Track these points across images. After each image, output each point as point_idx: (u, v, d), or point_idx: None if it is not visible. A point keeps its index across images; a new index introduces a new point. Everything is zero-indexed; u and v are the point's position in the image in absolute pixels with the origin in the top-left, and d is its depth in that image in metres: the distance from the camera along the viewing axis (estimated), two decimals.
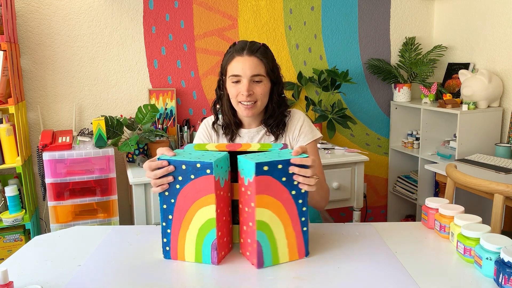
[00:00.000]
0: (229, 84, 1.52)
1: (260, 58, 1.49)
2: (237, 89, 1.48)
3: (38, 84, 2.60)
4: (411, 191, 3.03)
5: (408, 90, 3.03)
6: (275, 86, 1.54)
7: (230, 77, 1.50)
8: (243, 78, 1.47)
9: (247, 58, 1.47)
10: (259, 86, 1.48)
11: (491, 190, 1.51)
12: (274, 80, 1.53)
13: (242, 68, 1.47)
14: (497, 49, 2.66)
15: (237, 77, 1.48)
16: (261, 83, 1.49)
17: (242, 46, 1.51)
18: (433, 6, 3.18)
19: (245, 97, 1.47)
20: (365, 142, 3.20)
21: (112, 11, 2.66)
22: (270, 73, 1.51)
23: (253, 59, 1.48)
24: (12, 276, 1.06)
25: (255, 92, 1.48)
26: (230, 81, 1.50)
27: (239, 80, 1.48)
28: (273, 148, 1.23)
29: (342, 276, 1.08)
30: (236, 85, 1.49)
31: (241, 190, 1.14)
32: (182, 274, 1.11)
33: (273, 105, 1.55)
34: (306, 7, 2.95)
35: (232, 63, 1.49)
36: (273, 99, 1.54)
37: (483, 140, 2.58)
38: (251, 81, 1.47)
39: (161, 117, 2.73)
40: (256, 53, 1.49)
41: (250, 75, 1.47)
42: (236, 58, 1.49)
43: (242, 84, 1.47)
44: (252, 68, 1.47)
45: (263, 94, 1.50)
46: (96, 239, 1.33)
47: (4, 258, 2.24)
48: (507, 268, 0.96)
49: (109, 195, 2.35)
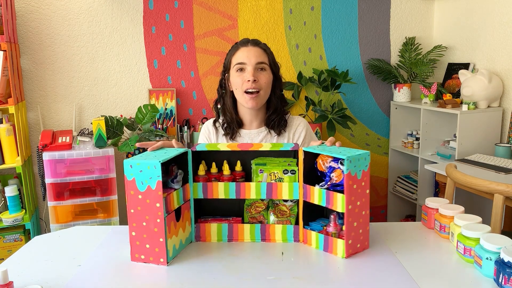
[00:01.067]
0: (233, 75, 1.55)
1: (264, 49, 1.56)
2: (242, 77, 1.52)
3: (38, 84, 2.60)
4: (411, 191, 3.03)
5: (408, 90, 3.03)
6: (277, 82, 1.59)
7: (235, 66, 1.53)
8: (248, 66, 1.52)
9: (251, 48, 1.54)
10: (263, 74, 1.53)
11: (491, 190, 1.50)
12: (275, 74, 1.58)
13: (247, 56, 1.52)
14: (497, 49, 2.66)
15: (242, 65, 1.52)
16: (265, 71, 1.54)
17: (246, 39, 1.59)
18: (433, 6, 3.18)
19: (251, 84, 1.49)
20: (365, 142, 3.20)
21: (112, 11, 2.66)
22: (273, 66, 1.57)
23: (258, 49, 1.55)
24: (12, 276, 1.06)
25: (260, 80, 1.51)
26: (234, 70, 1.54)
27: (243, 68, 1.52)
28: (284, 147, 1.25)
29: (342, 276, 1.08)
30: (241, 74, 1.52)
31: (349, 183, 1.13)
32: (182, 274, 1.11)
33: (276, 99, 1.59)
34: (306, 7, 2.95)
35: (237, 54, 1.55)
36: (276, 94, 1.59)
37: (483, 140, 2.58)
38: (256, 69, 1.52)
39: (161, 117, 2.73)
40: (260, 45, 1.57)
41: (255, 62, 1.51)
42: (241, 49, 1.55)
43: (247, 71, 1.51)
44: (256, 55, 1.53)
45: (267, 83, 1.54)
46: (96, 239, 1.32)
47: (4, 258, 2.24)
48: (507, 268, 0.96)
49: (109, 195, 2.35)
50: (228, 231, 1.27)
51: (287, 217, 1.27)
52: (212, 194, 1.26)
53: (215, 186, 1.26)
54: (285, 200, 1.29)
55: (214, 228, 1.27)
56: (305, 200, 1.24)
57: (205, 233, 1.28)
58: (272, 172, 1.27)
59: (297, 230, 1.26)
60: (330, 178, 1.19)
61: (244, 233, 1.27)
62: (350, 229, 1.15)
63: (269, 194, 1.25)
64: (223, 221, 1.29)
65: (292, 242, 1.26)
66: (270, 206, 1.30)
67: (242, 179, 1.30)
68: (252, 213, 1.30)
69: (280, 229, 1.26)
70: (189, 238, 1.27)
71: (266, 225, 1.27)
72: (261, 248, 1.23)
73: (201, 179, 1.27)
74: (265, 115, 1.60)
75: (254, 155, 1.31)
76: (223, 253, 1.21)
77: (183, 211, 1.23)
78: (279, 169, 1.26)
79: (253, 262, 1.16)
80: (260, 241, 1.27)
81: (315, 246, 1.22)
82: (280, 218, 1.27)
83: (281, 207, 1.29)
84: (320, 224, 1.25)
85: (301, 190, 1.24)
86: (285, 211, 1.28)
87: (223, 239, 1.28)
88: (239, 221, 1.30)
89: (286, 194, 1.25)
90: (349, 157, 1.12)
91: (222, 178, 1.28)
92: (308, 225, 1.26)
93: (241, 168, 1.30)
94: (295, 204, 1.29)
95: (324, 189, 1.19)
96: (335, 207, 1.16)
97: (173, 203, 1.18)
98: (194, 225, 1.28)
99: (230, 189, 1.25)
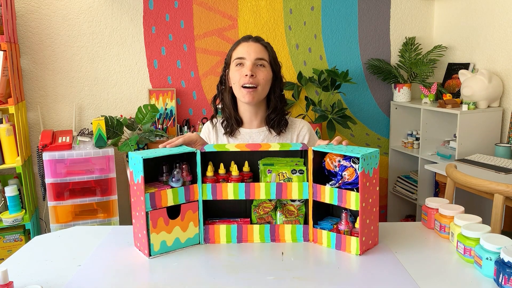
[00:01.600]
0: (232, 70, 1.54)
1: (265, 45, 1.55)
2: (240, 72, 1.51)
3: (38, 84, 2.60)
4: (411, 191, 3.03)
5: (408, 90, 3.03)
6: (277, 81, 1.58)
7: (235, 61, 1.53)
8: (246, 61, 1.51)
9: (252, 43, 1.54)
10: (262, 71, 1.52)
11: (491, 190, 1.50)
12: (276, 73, 1.57)
13: (247, 51, 1.52)
14: (497, 49, 2.66)
15: (241, 60, 1.52)
16: (264, 68, 1.52)
17: (249, 35, 1.58)
18: (433, 6, 3.18)
19: (248, 78, 1.48)
20: (365, 142, 3.20)
21: (112, 11, 2.66)
22: (273, 64, 1.56)
23: (258, 45, 1.54)
24: (12, 276, 1.06)
25: (258, 76, 1.50)
26: (234, 65, 1.53)
27: (242, 63, 1.52)
28: (294, 147, 1.25)
29: (342, 276, 1.08)
30: (239, 69, 1.52)
31: (363, 181, 1.15)
32: (182, 274, 1.11)
33: (276, 98, 1.57)
34: (306, 7, 2.95)
35: (238, 48, 1.54)
36: (275, 93, 1.57)
37: (483, 140, 2.58)
38: (254, 65, 1.51)
39: (161, 117, 2.73)
40: (261, 41, 1.56)
41: (254, 58, 1.51)
42: (242, 44, 1.54)
43: (246, 66, 1.51)
44: (256, 51, 1.52)
45: (265, 80, 1.52)
46: (96, 239, 1.32)
47: (4, 258, 2.24)
48: (507, 268, 0.96)
49: (109, 195, 2.35)
50: (237, 233, 1.26)
51: (296, 217, 1.27)
52: (221, 195, 1.26)
53: (224, 187, 1.25)
54: (292, 200, 1.29)
55: (223, 229, 1.26)
56: (315, 200, 1.24)
57: (214, 235, 1.27)
58: (281, 172, 1.26)
59: (306, 230, 1.26)
60: (342, 177, 1.20)
61: (253, 234, 1.26)
62: (364, 226, 1.16)
63: (279, 194, 1.25)
64: (231, 223, 1.28)
65: (302, 241, 1.26)
66: (278, 206, 1.30)
67: (250, 179, 1.29)
68: (260, 213, 1.29)
69: (289, 229, 1.26)
70: (193, 240, 1.26)
71: (275, 226, 1.26)
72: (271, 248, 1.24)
73: (209, 180, 1.26)
74: (265, 114, 1.59)
75: (261, 155, 1.31)
76: (230, 253, 1.21)
77: (184, 210, 1.23)
78: (287, 169, 1.26)
79: (254, 261, 1.16)
80: (269, 242, 1.26)
81: (326, 244, 1.22)
82: (289, 218, 1.27)
83: (289, 207, 1.29)
84: (330, 223, 1.25)
85: (310, 189, 1.24)
86: (293, 211, 1.28)
87: (233, 241, 1.26)
88: (247, 222, 1.29)
89: (296, 194, 1.25)
90: (363, 155, 1.13)
91: (230, 179, 1.27)
92: (317, 224, 1.26)
93: (249, 168, 1.29)
94: (302, 203, 1.29)
95: (335, 187, 1.20)
96: (348, 205, 1.17)
97: (164, 200, 1.19)
98: (203, 227, 1.27)
99: (240, 190, 1.25)
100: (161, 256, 1.19)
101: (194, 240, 1.26)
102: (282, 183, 1.25)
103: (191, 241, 1.25)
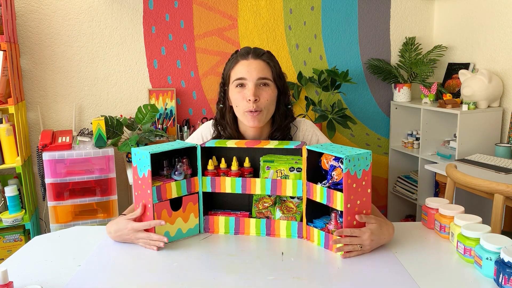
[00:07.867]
0: (232, 91, 1.39)
1: (267, 61, 1.39)
2: (242, 94, 1.36)
3: (38, 84, 2.60)
4: (411, 191, 3.03)
5: (408, 90, 3.03)
6: (282, 96, 1.43)
7: (235, 82, 1.38)
8: (248, 82, 1.36)
9: (252, 61, 1.38)
10: (266, 91, 1.37)
11: (491, 190, 1.50)
12: (280, 88, 1.42)
13: (247, 71, 1.36)
14: (497, 49, 2.66)
15: (242, 80, 1.36)
16: (268, 87, 1.37)
17: (247, 50, 1.41)
18: (433, 6, 3.18)
19: (252, 104, 1.34)
20: (365, 142, 3.20)
21: (112, 11, 2.66)
22: (277, 79, 1.40)
23: (260, 62, 1.38)
24: (12, 276, 1.06)
25: (261, 98, 1.36)
26: (234, 86, 1.38)
27: (244, 83, 1.37)
28: (290, 145, 1.28)
29: (342, 276, 1.08)
30: (241, 90, 1.37)
31: (347, 182, 1.14)
32: (182, 273, 1.11)
33: (280, 116, 1.43)
34: (306, 7, 2.95)
35: (236, 67, 1.39)
36: (280, 109, 1.43)
37: (483, 140, 2.58)
38: (257, 86, 1.36)
39: (161, 117, 2.73)
40: (262, 57, 1.40)
41: (257, 77, 1.35)
42: (241, 62, 1.38)
43: (248, 88, 1.35)
44: (258, 70, 1.36)
45: (270, 101, 1.38)
46: (96, 239, 1.33)
47: (4, 258, 2.24)
48: (507, 268, 0.96)
49: (109, 195, 2.35)
50: (235, 225, 1.33)
51: (293, 214, 1.30)
52: (219, 188, 1.32)
53: (223, 181, 1.32)
54: (292, 197, 1.32)
55: (222, 221, 1.33)
56: (308, 198, 1.26)
57: (213, 225, 1.34)
58: (279, 169, 1.30)
59: (301, 227, 1.29)
60: (332, 177, 1.20)
61: (250, 227, 1.32)
62: (349, 227, 1.17)
63: (274, 190, 1.29)
64: (231, 215, 1.34)
65: (296, 238, 1.29)
66: (277, 202, 1.34)
67: (250, 175, 1.34)
68: (260, 208, 1.34)
69: (285, 224, 1.30)
70: (193, 230, 1.33)
71: (272, 221, 1.31)
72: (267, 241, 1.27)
73: (210, 173, 1.33)
74: (269, 131, 1.45)
75: (263, 152, 1.35)
76: (229, 249, 1.22)
77: (186, 202, 1.30)
78: (285, 166, 1.30)
79: (254, 261, 1.16)
80: (265, 236, 1.31)
81: (317, 243, 1.25)
82: (286, 214, 1.31)
83: (288, 203, 1.33)
84: (323, 222, 1.27)
85: (304, 187, 1.26)
86: (291, 208, 1.31)
87: (230, 232, 1.33)
88: (246, 215, 1.34)
89: (290, 191, 1.28)
90: (347, 156, 1.13)
91: (230, 173, 1.33)
92: (311, 222, 1.28)
93: (249, 164, 1.34)
94: (301, 201, 1.31)
95: (325, 187, 1.21)
96: (335, 205, 1.18)
97: (169, 193, 1.27)
98: (203, 217, 1.34)
99: (237, 184, 1.31)
100: (161, 256, 1.20)
101: (194, 231, 1.34)
102: (277, 179, 1.28)
103: (191, 231, 1.33)
